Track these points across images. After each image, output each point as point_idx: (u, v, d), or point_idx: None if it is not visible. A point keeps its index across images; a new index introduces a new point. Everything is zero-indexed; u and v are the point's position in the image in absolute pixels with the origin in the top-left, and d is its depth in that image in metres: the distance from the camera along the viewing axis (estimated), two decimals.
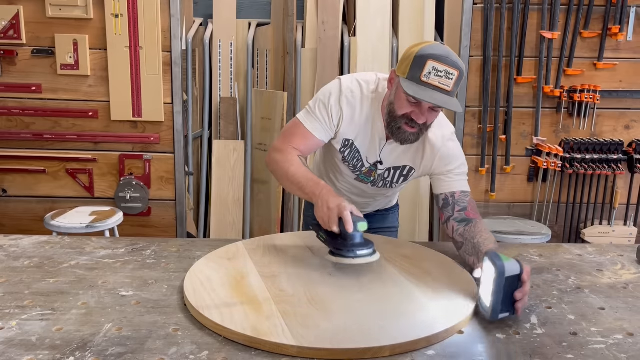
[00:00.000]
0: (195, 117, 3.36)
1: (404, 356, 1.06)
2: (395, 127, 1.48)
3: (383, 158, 1.62)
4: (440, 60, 1.36)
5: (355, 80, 1.60)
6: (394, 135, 1.51)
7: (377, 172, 1.66)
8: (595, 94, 2.93)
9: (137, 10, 2.82)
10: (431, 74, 1.36)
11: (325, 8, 3.17)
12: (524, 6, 2.88)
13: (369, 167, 1.65)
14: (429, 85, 1.36)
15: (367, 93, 1.58)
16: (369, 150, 1.62)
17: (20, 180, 2.99)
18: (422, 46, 1.40)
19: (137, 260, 1.54)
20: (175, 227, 3.08)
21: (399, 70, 1.44)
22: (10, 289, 1.33)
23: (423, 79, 1.36)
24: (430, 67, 1.36)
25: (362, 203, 1.80)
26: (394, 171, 1.65)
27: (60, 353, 1.04)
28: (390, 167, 1.64)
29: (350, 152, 1.64)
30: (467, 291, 1.31)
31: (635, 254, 1.67)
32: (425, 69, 1.36)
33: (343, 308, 1.21)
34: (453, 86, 1.37)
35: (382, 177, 1.67)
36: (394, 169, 1.64)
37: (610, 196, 3.08)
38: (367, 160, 1.64)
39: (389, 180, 1.67)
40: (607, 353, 1.09)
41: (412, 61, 1.38)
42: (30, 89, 2.90)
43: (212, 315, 1.15)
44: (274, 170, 1.59)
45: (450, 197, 1.60)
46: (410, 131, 1.47)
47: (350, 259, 1.35)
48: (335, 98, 1.57)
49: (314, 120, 1.58)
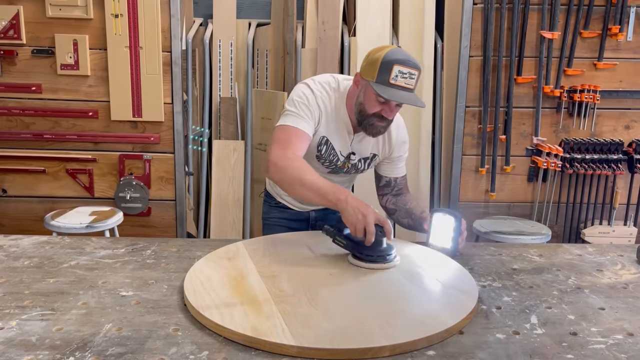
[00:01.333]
0: (195, 117, 3.36)
1: (404, 356, 1.06)
2: (368, 123, 1.67)
3: (354, 149, 1.80)
4: (404, 64, 1.56)
5: (319, 82, 1.75)
6: (367, 130, 1.69)
7: (351, 162, 1.82)
8: (595, 94, 2.93)
9: (137, 10, 2.82)
10: (398, 77, 1.56)
11: (325, 8, 3.17)
12: (524, 6, 2.88)
13: (343, 159, 1.81)
14: (397, 86, 1.57)
15: (331, 93, 1.74)
16: (342, 144, 1.78)
17: (20, 180, 2.99)
18: (385, 51, 1.58)
19: (137, 260, 1.54)
20: (175, 227, 3.08)
21: (366, 74, 1.61)
22: (10, 289, 1.33)
23: (391, 81, 1.56)
24: (396, 71, 1.55)
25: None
26: (363, 160, 1.84)
27: (60, 353, 1.04)
28: (360, 158, 1.83)
29: (327, 149, 1.78)
30: (467, 291, 1.31)
31: (635, 254, 1.67)
32: (393, 73, 1.55)
33: (343, 308, 1.21)
34: (415, 84, 1.59)
35: (355, 166, 1.84)
36: (363, 159, 1.84)
37: (610, 196, 3.08)
38: (341, 154, 1.80)
39: (360, 168, 1.86)
40: (607, 353, 1.09)
41: (379, 66, 1.57)
42: (30, 89, 2.90)
43: (212, 315, 1.15)
44: (282, 178, 1.57)
45: (394, 180, 1.89)
46: (381, 125, 1.68)
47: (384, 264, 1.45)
48: (312, 99, 1.70)
49: (302, 120, 1.66)
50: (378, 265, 1.44)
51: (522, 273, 1.51)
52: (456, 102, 3.00)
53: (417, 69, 1.57)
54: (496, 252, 1.69)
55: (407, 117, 3.22)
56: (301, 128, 1.64)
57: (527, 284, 1.43)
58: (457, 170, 3.05)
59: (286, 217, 1.99)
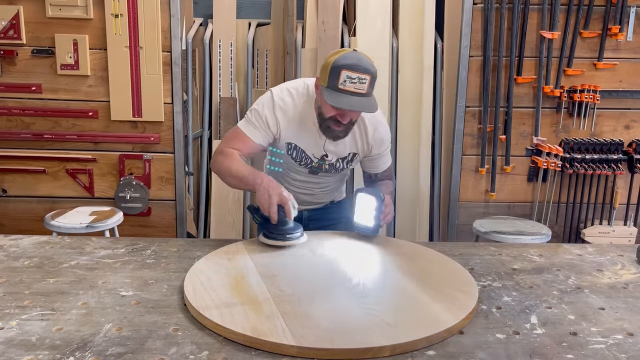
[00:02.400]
0: (195, 117, 3.36)
1: (404, 356, 1.06)
2: (325, 126, 1.68)
3: (328, 151, 1.80)
4: (352, 69, 1.55)
5: (286, 89, 1.79)
6: (325, 133, 1.71)
7: (327, 163, 1.84)
8: (595, 94, 2.93)
9: (137, 10, 2.82)
10: (346, 82, 1.55)
11: (325, 8, 3.17)
12: (524, 6, 2.88)
13: (317, 161, 1.83)
14: (346, 91, 1.56)
15: (297, 99, 1.77)
16: (313, 148, 1.80)
17: (20, 180, 2.99)
18: (337, 56, 1.58)
19: (137, 260, 1.54)
20: (175, 227, 3.08)
21: (320, 79, 1.63)
22: (10, 289, 1.33)
23: (340, 87, 1.56)
24: (344, 76, 1.55)
25: (318, 192, 1.96)
26: (341, 160, 1.85)
27: (60, 353, 1.04)
28: (337, 158, 1.83)
29: (297, 153, 1.81)
30: (467, 291, 1.31)
31: (635, 254, 1.67)
32: (341, 78, 1.55)
33: (343, 308, 1.21)
34: (367, 88, 1.57)
35: (333, 166, 1.86)
36: (341, 159, 1.84)
37: (610, 196, 3.08)
38: (314, 156, 1.82)
39: (340, 167, 1.87)
40: (607, 353, 1.09)
41: (329, 72, 1.57)
42: (30, 89, 2.90)
43: (212, 315, 1.15)
44: (218, 170, 1.78)
45: (374, 175, 1.92)
46: (338, 129, 1.67)
47: (282, 241, 1.56)
48: (269, 108, 1.75)
49: (252, 127, 1.77)
50: (277, 242, 1.56)
51: (522, 273, 1.51)
52: (456, 102, 2.99)
53: (368, 73, 1.56)
54: (496, 252, 1.69)
55: (407, 117, 3.24)
56: (247, 134, 1.76)
57: (527, 284, 1.44)
58: (457, 170, 3.05)
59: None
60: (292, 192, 1.92)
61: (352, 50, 1.60)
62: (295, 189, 1.90)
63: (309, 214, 2.00)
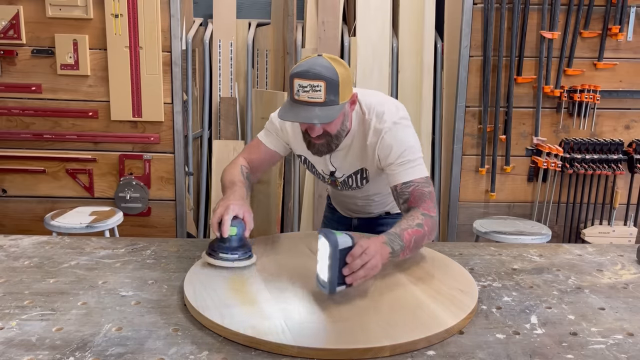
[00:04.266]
0: (195, 117, 3.36)
1: (404, 356, 1.06)
2: (307, 141, 1.54)
3: (336, 166, 1.67)
4: (301, 76, 1.39)
5: None
6: (310, 148, 1.56)
7: (339, 180, 1.71)
8: (595, 94, 2.93)
9: (137, 10, 2.81)
10: (300, 92, 1.40)
11: (325, 8, 3.17)
12: (524, 6, 2.88)
13: (328, 177, 1.71)
14: (301, 102, 1.40)
15: None
16: (322, 164, 1.69)
17: (20, 180, 2.99)
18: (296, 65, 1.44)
19: (137, 260, 1.54)
20: (175, 227, 3.08)
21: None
22: (10, 289, 1.33)
23: (295, 97, 1.41)
24: (297, 85, 1.40)
25: (363, 205, 1.85)
26: (354, 176, 1.68)
27: (60, 353, 1.04)
28: (349, 174, 1.67)
29: (308, 167, 1.74)
30: (467, 291, 1.31)
31: (635, 254, 1.67)
32: (294, 88, 1.41)
33: (343, 308, 1.21)
34: (325, 96, 1.39)
35: (346, 183, 1.71)
36: (353, 174, 1.67)
37: (610, 196, 3.08)
38: (324, 172, 1.71)
39: (353, 185, 1.70)
40: (607, 353, 1.09)
41: (289, 83, 1.44)
42: (30, 89, 2.90)
43: (212, 315, 1.15)
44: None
45: (394, 189, 1.58)
46: (319, 142, 1.51)
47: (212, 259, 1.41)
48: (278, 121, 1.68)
49: (266, 133, 1.73)
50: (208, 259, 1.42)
51: (522, 273, 1.51)
52: (456, 102, 2.99)
53: (320, 79, 1.38)
54: (496, 252, 1.69)
55: None
56: (264, 142, 1.72)
57: (527, 284, 1.43)
58: (457, 170, 3.05)
59: (335, 219, 1.99)
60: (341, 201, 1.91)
61: (317, 56, 1.44)
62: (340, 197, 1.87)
63: (359, 222, 1.91)
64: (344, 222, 1.95)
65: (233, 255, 1.41)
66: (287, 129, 1.68)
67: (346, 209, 1.94)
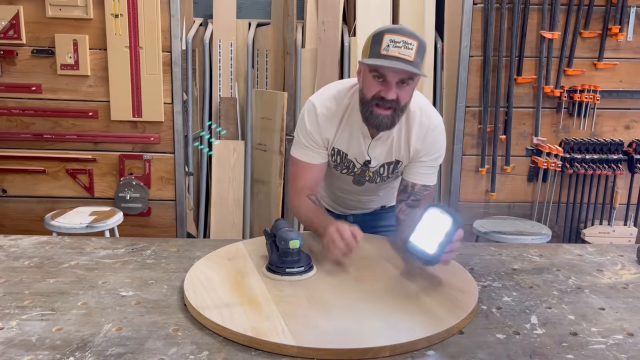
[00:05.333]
0: (195, 117, 3.36)
1: (404, 356, 1.06)
2: (368, 112, 1.48)
3: (372, 156, 1.63)
4: (396, 32, 1.39)
5: (327, 96, 1.62)
6: (369, 123, 1.51)
7: (370, 170, 1.67)
8: (595, 94, 2.93)
9: (137, 10, 2.81)
10: (390, 46, 1.38)
11: (325, 8, 3.17)
12: (524, 6, 2.88)
13: (360, 166, 1.67)
14: (390, 57, 1.38)
15: (342, 102, 1.60)
16: (357, 153, 1.64)
17: (20, 180, 2.99)
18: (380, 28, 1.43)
19: (137, 260, 1.54)
20: (175, 227, 3.08)
21: (362, 56, 1.46)
22: (10, 289, 1.33)
23: (383, 52, 1.38)
24: (387, 40, 1.38)
25: (366, 200, 1.84)
26: (387, 166, 1.67)
27: (60, 353, 1.04)
28: (382, 164, 1.66)
29: (340, 159, 1.67)
30: (467, 291, 1.31)
31: (635, 254, 1.67)
32: (384, 43, 1.38)
33: (343, 308, 1.21)
34: (415, 56, 1.38)
35: (378, 172, 1.68)
36: (387, 164, 1.66)
37: (610, 196, 3.08)
38: (357, 161, 1.66)
39: (384, 174, 1.69)
40: (607, 353, 1.09)
41: (371, 41, 1.42)
42: (30, 89, 2.90)
43: (212, 315, 1.15)
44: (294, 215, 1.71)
45: (411, 186, 1.62)
46: (384, 113, 1.46)
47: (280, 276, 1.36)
48: (312, 121, 1.60)
49: (306, 150, 1.63)
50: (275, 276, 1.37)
51: (522, 273, 1.51)
52: (456, 102, 2.99)
53: (414, 37, 1.38)
54: (496, 252, 1.69)
55: None
56: (307, 160, 1.64)
57: (527, 284, 1.43)
58: (457, 170, 3.05)
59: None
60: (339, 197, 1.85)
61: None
62: (341, 193, 1.82)
63: (354, 219, 1.86)
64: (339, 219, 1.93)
65: (299, 269, 1.37)
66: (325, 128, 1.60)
67: (343, 206, 1.90)
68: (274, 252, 1.41)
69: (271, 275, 1.37)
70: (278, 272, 1.36)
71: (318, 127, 1.60)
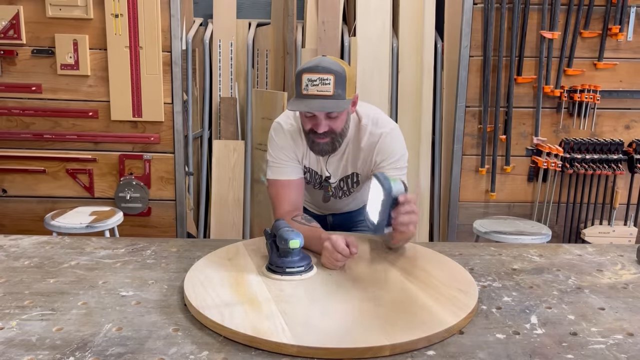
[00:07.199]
0: (195, 117, 3.36)
1: (404, 356, 1.06)
2: (310, 142, 1.60)
3: (330, 172, 1.74)
4: (312, 70, 1.47)
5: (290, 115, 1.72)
6: (313, 149, 1.62)
7: (332, 185, 1.77)
8: (596, 94, 2.93)
9: (137, 10, 2.82)
10: (308, 86, 1.47)
11: (325, 8, 3.17)
12: (524, 6, 2.88)
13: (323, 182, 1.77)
14: (310, 95, 1.47)
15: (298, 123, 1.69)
16: (319, 168, 1.74)
17: (20, 180, 2.99)
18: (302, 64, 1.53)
19: (137, 260, 1.54)
20: (175, 227, 3.08)
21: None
22: (10, 289, 1.33)
23: (303, 92, 1.48)
24: (306, 80, 1.47)
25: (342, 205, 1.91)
26: (345, 179, 1.75)
27: (60, 353, 1.04)
28: (340, 179, 1.75)
29: (311, 175, 1.76)
30: (467, 291, 1.31)
31: (635, 254, 1.67)
32: (303, 83, 1.48)
33: (343, 308, 1.21)
34: (334, 89, 1.47)
35: (339, 187, 1.76)
36: (345, 178, 1.75)
37: (610, 196, 3.08)
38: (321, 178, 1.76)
39: (345, 189, 1.78)
40: (607, 353, 1.09)
41: (295, 80, 1.52)
42: (30, 89, 2.90)
43: (212, 315, 1.15)
44: None
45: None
46: (323, 141, 1.58)
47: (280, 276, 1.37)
48: (282, 137, 1.69)
49: (283, 167, 1.70)
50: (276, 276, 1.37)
51: (522, 273, 1.51)
52: (456, 102, 3.00)
53: (330, 72, 1.46)
54: (496, 252, 1.69)
55: (407, 117, 3.24)
56: (285, 177, 1.69)
57: (527, 284, 1.44)
58: (457, 170, 3.06)
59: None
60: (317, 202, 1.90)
61: (321, 56, 1.54)
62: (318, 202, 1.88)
63: (334, 219, 1.95)
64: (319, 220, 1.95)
65: (299, 269, 1.38)
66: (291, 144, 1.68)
67: (321, 208, 1.95)
68: (274, 252, 1.42)
69: (271, 275, 1.38)
70: (278, 271, 1.37)
71: (288, 141, 1.68)
